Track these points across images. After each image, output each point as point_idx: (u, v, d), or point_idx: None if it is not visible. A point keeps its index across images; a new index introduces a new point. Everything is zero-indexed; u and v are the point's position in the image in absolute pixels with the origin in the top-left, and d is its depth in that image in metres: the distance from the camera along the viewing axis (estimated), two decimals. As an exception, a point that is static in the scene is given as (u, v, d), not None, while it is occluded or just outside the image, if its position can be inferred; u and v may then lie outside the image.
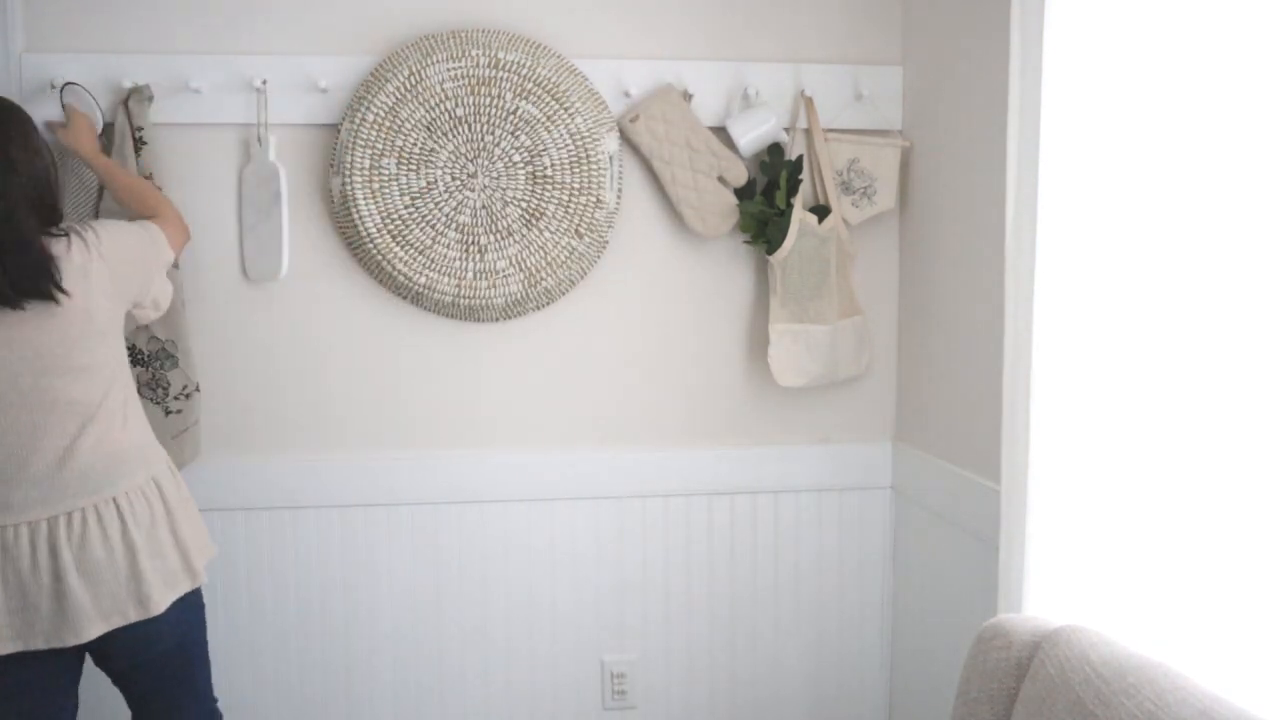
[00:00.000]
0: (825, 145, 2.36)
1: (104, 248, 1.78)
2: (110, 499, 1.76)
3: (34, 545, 1.71)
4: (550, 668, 2.46)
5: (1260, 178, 1.41)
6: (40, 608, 1.72)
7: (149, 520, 1.80)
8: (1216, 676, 1.40)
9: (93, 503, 1.74)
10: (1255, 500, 1.45)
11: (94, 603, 1.73)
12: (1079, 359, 1.65)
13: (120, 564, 1.75)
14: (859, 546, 2.53)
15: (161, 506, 1.82)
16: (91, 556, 1.73)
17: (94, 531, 1.74)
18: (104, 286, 1.77)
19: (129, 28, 2.21)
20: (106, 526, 1.74)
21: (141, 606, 1.77)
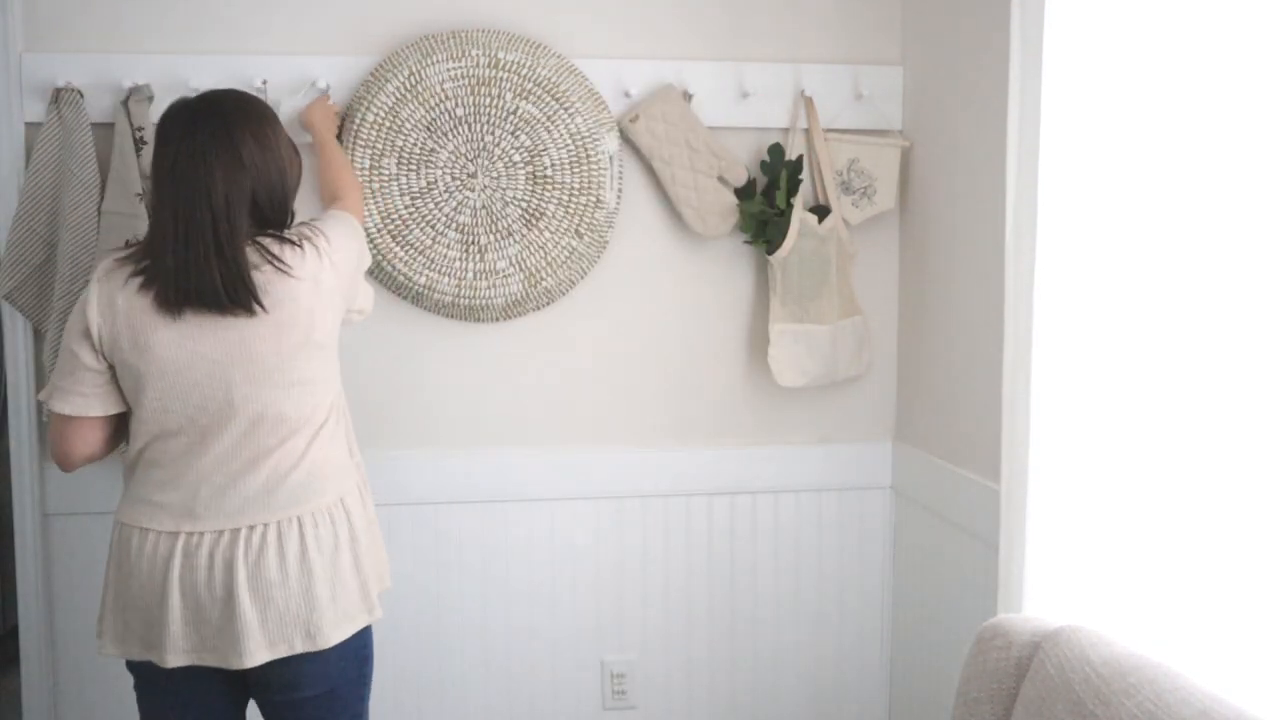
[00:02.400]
0: (825, 145, 2.36)
1: (335, 256, 1.70)
2: (294, 518, 1.65)
3: (212, 557, 1.63)
4: (550, 667, 2.46)
5: (1260, 178, 1.41)
6: (211, 623, 1.63)
7: (332, 545, 1.68)
8: (1216, 676, 1.40)
9: (277, 520, 1.64)
10: (1255, 500, 1.45)
11: (262, 626, 1.63)
12: (1079, 359, 1.65)
13: (294, 588, 1.64)
14: (859, 546, 2.52)
15: (347, 531, 1.70)
16: (265, 576, 1.63)
17: (272, 550, 1.63)
18: (332, 299, 1.69)
19: (129, 28, 2.21)
20: (286, 546, 1.64)
21: (310, 638, 1.65)
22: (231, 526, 1.64)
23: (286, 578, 1.64)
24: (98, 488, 2.27)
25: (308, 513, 1.67)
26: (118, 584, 1.70)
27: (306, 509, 1.67)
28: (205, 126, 1.62)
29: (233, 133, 1.63)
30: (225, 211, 1.60)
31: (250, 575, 1.63)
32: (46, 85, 2.17)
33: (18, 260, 2.15)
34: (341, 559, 1.69)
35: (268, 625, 1.63)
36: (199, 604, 1.63)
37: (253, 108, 1.69)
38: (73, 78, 2.17)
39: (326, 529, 1.68)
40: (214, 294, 1.59)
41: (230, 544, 1.64)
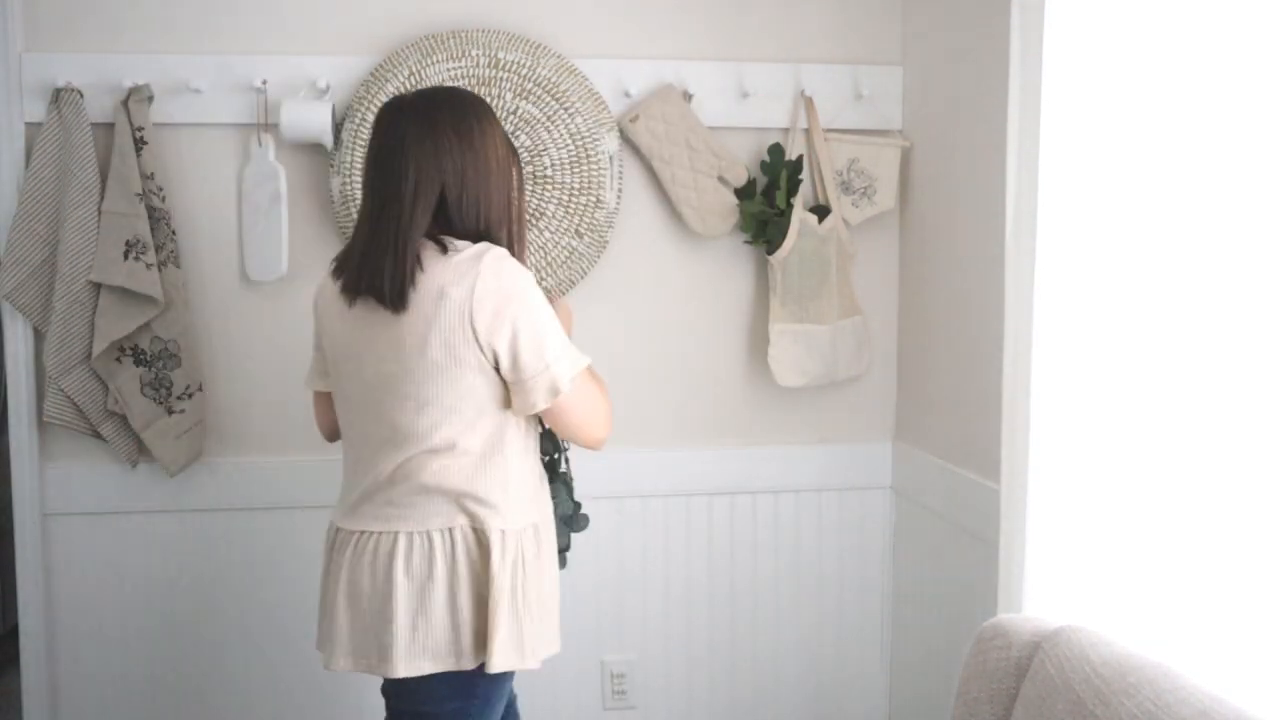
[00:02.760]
0: (825, 145, 2.36)
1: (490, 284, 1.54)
2: (393, 533, 1.58)
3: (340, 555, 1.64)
4: (550, 667, 2.45)
5: (1260, 178, 1.41)
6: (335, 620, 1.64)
7: (425, 573, 1.57)
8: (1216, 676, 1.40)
9: (378, 530, 1.59)
10: (1255, 500, 1.45)
11: (350, 635, 1.61)
12: (1079, 359, 1.65)
13: (376, 603, 1.58)
14: (859, 546, 2.52)
15: (447, 566, 1.57)
16: (358, 583, 1.60)
17: (366, 558, 1.59)
18: (454, 321, 1.53)
19: (129, 28, 2.21)
20: (377, 557, 1.58)
21: (382, 659, 1.58)
22: (349, 527, 1.64)
23: (374, 590, 1.59)
24: (98, 488, 2.27)
25: (404, 532, 1.58)
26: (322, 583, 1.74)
27: (404, 528, 1.59)
28: (410, 117, 1.60)
29: (435, 124, 1.58)
30: (411, 202, 1.56)
31: (348, 580, 1.62)
32: (46, 85, 2.17)
33: (18, 260, 2.15)
34: (435, 591, 1.57)
35: (354, 634, 1.61)
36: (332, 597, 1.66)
37: (463, 103, 1.63)
38: (73, 78, 2.17)
39: (421, 554, 1.58)
40: (380, 289, 1.55)
41: (343, 544, 1.64)
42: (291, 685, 2.38)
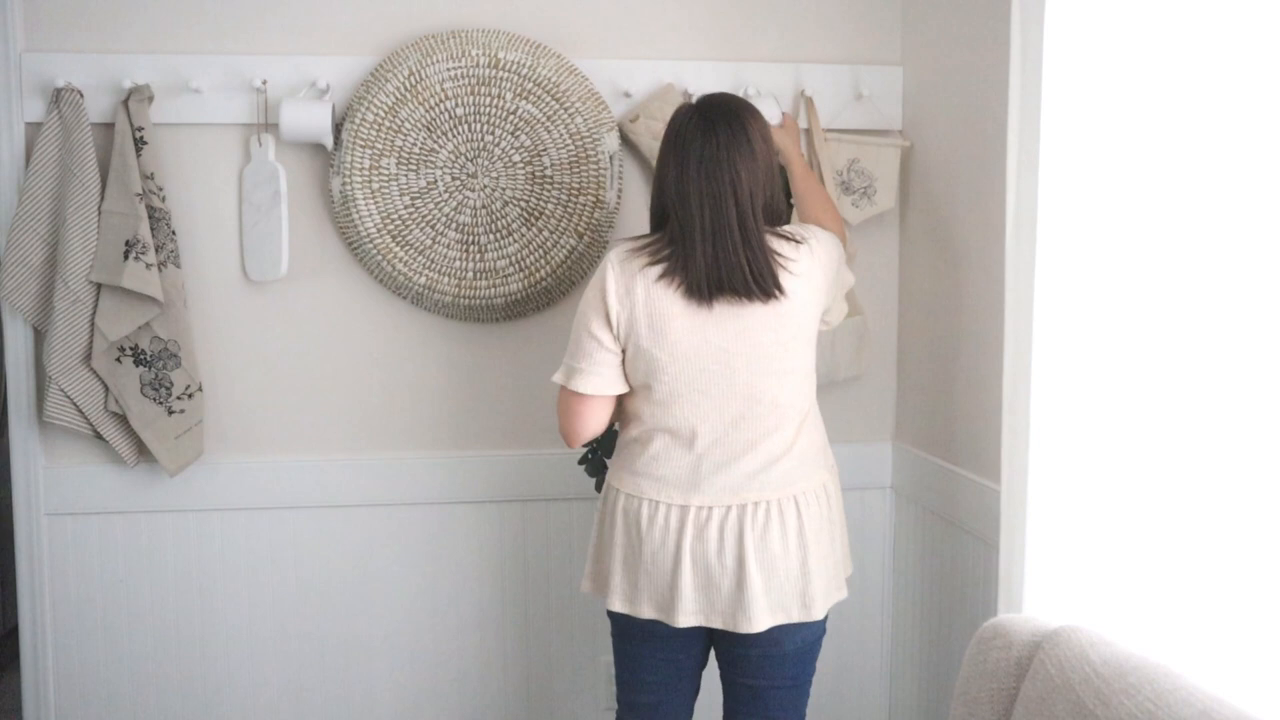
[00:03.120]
0: (825, 145, 2.36)
1: (823, 258, 1.81)
2: (792, 496, 1.79)
3: (722, 530, 1.77)
4: (550, 668, 2.46)
5: (1260, 178, 1.41)
6: (722, 589, 1.77)
7: (819, 523, 1.81)
8: (1216, 676, 1.40)
9: (777, 497, 1.78)
10: (1255, 500, 1.45)
11: (766, 595, 1.76)
12: (1079, 359, 1.65)
13: (794, 561, 1.78)
14: (859, 546, 2.52)
15: (827, 512, 1.83)
16: (770, 549, 1.76)
17: (775, 525, 1.77)
18: (817, 297, 1.80)
19: (129, 28, 2.21)
20: (786, 522, 1.78)
21: (806, 608, 1.79)
22: (738, 502, 1.77)
23: (788, 551, 1.78)
24: (98, 488, 2.27)
25: (800, 492, 1.80)
26: (626, 548, 1.83)
27: (799, 489, 1.80)
28: (724, 125, 1.74)
29: (749, 131, 1.75)
30: (749, 205, 1.73)
31: (757, 547, 1.76)
32: (46, 85, 2.17)
33: (18, 260, 2.15)
34: (824, 537, 1.82)
35: (770, 594, 1.77)
36: (709, 572, 1.77)
37: (755, 109, 1.81)
38: (73, 78, 2.17)
39: (814, 509, 1.81)
40: (743, 283, 1.72)
41: (739, 518, 1.77)
42: (290, 684, 2.38)
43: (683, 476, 1.79)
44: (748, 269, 1.72)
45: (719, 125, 1.74)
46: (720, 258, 1.72)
